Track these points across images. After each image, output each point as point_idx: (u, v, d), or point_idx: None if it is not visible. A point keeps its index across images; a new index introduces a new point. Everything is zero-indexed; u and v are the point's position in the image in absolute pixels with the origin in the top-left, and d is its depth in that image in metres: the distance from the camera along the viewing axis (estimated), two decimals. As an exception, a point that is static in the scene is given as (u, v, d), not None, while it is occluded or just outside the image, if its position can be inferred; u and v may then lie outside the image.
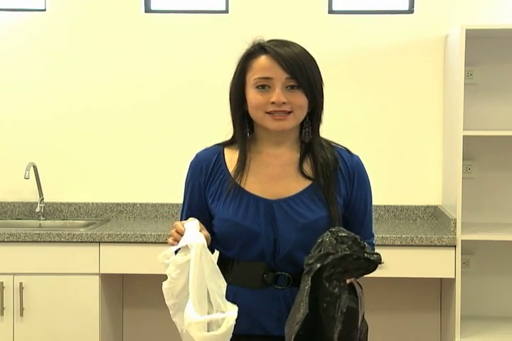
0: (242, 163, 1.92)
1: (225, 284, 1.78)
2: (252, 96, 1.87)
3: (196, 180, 1.96)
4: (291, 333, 1.67)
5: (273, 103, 1.84)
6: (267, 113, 1.86)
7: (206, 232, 1.85)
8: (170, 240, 1.84)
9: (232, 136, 1.98)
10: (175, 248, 1.79)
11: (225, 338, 1.72)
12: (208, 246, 1.81)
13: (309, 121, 1.92)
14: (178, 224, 1.84)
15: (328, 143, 1.98)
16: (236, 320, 1.79)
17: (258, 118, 1.89)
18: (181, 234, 1.80)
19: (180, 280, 1.77)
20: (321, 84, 1.91)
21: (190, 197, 1.98)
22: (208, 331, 1.73)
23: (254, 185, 1.91)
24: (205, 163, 1.96)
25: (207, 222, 1.92)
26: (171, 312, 1.84)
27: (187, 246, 1.76)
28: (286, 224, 1.87)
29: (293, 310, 1.72)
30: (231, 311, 1.73)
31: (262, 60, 1.87)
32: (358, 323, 1.78)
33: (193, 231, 1.80)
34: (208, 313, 1.74)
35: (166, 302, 1.84)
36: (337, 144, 2.00)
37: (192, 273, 1.73)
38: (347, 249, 1.71)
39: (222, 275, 1.79)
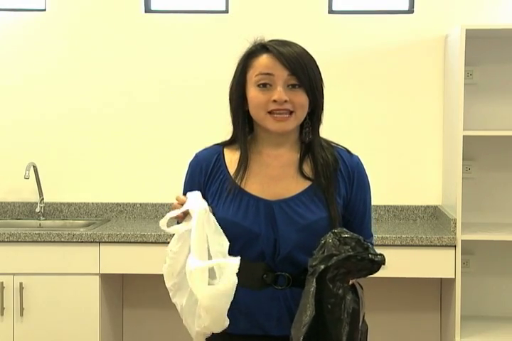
0: (243, 164, 1.91)
1: (228, 243, 1.76)
2: (253, 94, 1.87)
3: (196, 180, 1.96)
4: (298, 335, 1.67)
5: (274, 101, 1.84)
6: (269, 113, 1.86)
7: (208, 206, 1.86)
8: (171, 212, 1.83)
9: (232, 136, 1.98)
10: (178, 211, 1.78)
11: (228, 293, 1.69)
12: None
13: (309, 121, 1.92)
14: (180, 195, 1.84)
15: (328, 143, 1.98)
16: (235, 320, 1.80)
17: (259, 119, 1.88)
18: (182, 203, 1.80)
19: (181, 255, 1.75)
20: (321, 84, 1.91)
21: None
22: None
23: (254, 185, 1.91)
24: (205, 163, 1.96)
25: None
26: (170, 294, 1.83)
27: (189, 215, 1.75)
28: (286, 224, 1.87)
29: (299, 312, 1.71)
30: (233, 259, 1.71)
31: (264, 58, 1.87)
32: (359, 324, 1.78)
33: (195, 199, 1.79)
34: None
35: (166, 284, 1.82)
36: (337, 144, 1.99)
37: (194, 234, 1.71)
38: (350, 250, 1.71)
39: (224, 235, 1.78)
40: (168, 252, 1.80)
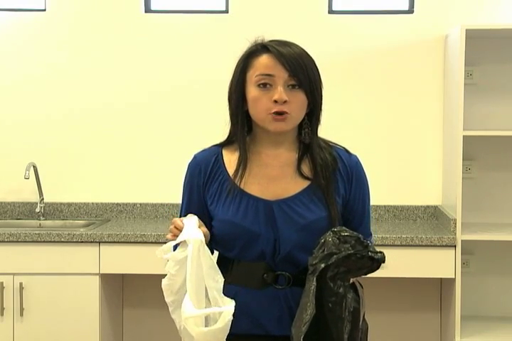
0: (242, 164, 1.91)
1: (223, 279, 1.78)
2: (253, 94, 1.87)
3: (195, 181, 1.96)
4: (299, 334, 1.67)
5: (275, 101, 1.84)
6: (269, 114, 1.85)
7: (205, 229, 1.86)
8: (169, 236, 1.84)
9: (229, 136, 1.97)
10: (173, 243, 1.80)
11: (222, 333, 1.71)
12: (207, 243, 1.81)
13: (308, 121, 1.92)
14: (177, 220, 1.85)
15: (327, 143, 1.98)
16: (236, 320, 1.80)
17: (259, 118, 1.88)
18: (180, 230, 1.81)
19: (179, 277, 1.77)
20: (320, 84, 1.91)
21: (189, 199, 1.97)
22: (206, 326, 1.73)
23: (254, 185, 1.91)
24: (204, 164, 1.96)
25: (206, 223, 1.92)
26: (170, 309, 1.84)
27: (185, 241, 1.76)
28: (286, 224, 1.87)
29: (299, 311, 1.72)
30: (228, 306, 1.73)
31: (264, 58, 1.87)
32: (359, 323, 1.78)
33: (192, 227, 1.80)
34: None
35: (166, 299, 1.84)
36: (335, 144, 2.00)
37: (189, 268, 1.73)
38: (350, 248, 1.72)
39: (219, 271, 1.79)
40: (166, 271, 1.81)
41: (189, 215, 1.87)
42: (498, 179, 3.79)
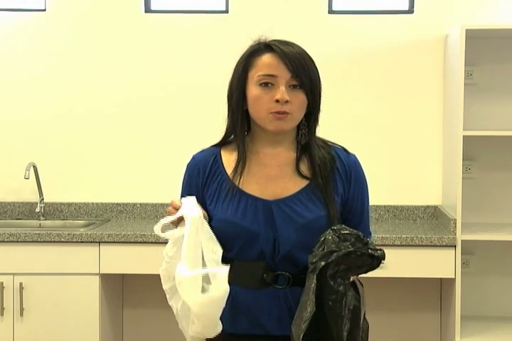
0: (241, 164, 1.91)
1: (221, 250, 1.77)
2: (255, 93, 1.86)
3: (194, 181, 1.96)
4: (299, 332, 1.67)
5: (277, 101, 1.83)
6: (270, 113, 1.85)
7: (204, 211, 1.86)
8: (166, 217, 1.84)
9: (225, 135, 1.97)
10: (171, 218, 1.78)
11: (218, 303, 1.70)
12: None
13: (305, 122, 1.92)
14: (175, 200, 1.85)
15: (325, 142, 1.98)
16: (236, 320, 1.80)
17: (259, 117, 1.88)
18: (177, 208, 1.81)
19: (177, 259, 1.75)
20: (320, 85, 1.91)
21: None
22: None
23: (252, 185, 1.91)
24: (203, 164, 1.96)
25: None
26: (167, 296, 1.83)
27: (184, 222, 1.75)
28: (285, 224, 1.87)
29: (299, 309, 1.72)
30: (222, 268, 1.71)
31: (267, 57, 1.86)
32: (360, 321, 1.78)
33: (190, 205, 1.79)
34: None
35: (163, 287, 1.83)
36: (333, 143, 1.99)
37: (186, 237, 1.72)
38: (350, 246, 1.72)
39: (218, 243, 1.78)
40: (164, 255, 1.80)
41: (187, 196, 1.86)
42: (498, 179, 3.79)
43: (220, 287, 1.68)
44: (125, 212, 3.94)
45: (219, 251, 1.77)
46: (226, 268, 1.72)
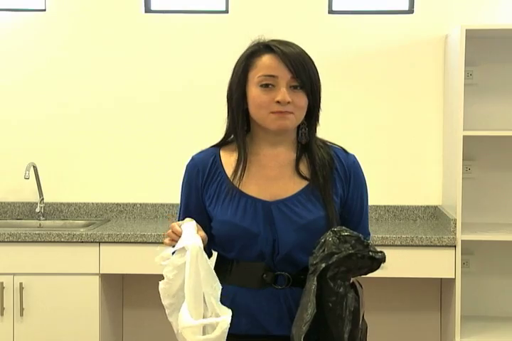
0: (242, 166, 1.91)
1: (220, 287, 1.78)
2: (256, 94, 1.86)
3: (193, 182, 1.96)
4: (300, 333, 1.67)
5: (278, 102, 1.83)
6: (271, 113, 1.85)
7: (203, 233, 1.85)
8: (166, 240, 1.84)
9: (226, 136, 1.97)
10: (172, 250, 1.79)
11: (220, 339, 1.72)
12: (205, 247, 1.81)
13: (305, 122, 1.92)
14: (175, 225, 1.84)
15: (324, 142, 1.97)
16: (236, 320, 1.79)
17: (260, 118, 1.88)
18: (178, 235, 1.80)
19: (176, 281, 1.77)
20: (320, 85, 1.91)
21: (187, 200, 1.97)
22: (204, 334, 1.73)
23: (252, 186, 1.90)
24: (202, 165, 1.95)
25: (205, 225, 1.92)
26: (167, 312, 1.84)
27: (184, 248, 1.76)
28: (284, 224, 1.87)
29: (300, 311, 1.72)
30: (225, 316, 1.73)
31: (267, 58, 1.86)
32: (359, 322, 1.78)
33: (190, 233, 1.80)
34: (204, 316, 1.74)
35: (162, 302, 1.84)
36: (332, 143, 1.99)
37: (187, 275, 1.73)
38: (351, 248, 1.72)
39: (217, 278, 1.78)
40: (164, 274, 1.81)
41: (187, 219, 1.86)
42: (498, 179, 3.79)
43: (221, 328, 1.71)
44: (125, 212, 3.94)
45: (218, 286, 1.77)
46: (228, 316, 1.73)
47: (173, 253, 1.80)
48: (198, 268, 1.75)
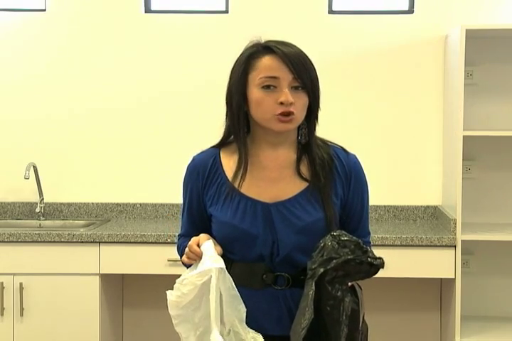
0: (242, 168, 1.90)
1: (245, 309, 1.78)
2: (258, 96, 1.85)
3: (194, 184, 1.96)
4: (298, 338, 1.67)
5: (281, 103, 1.82)
6: (276, 115, 1.84)
7: (219, 248, 1.86)
8: (185, 258, 1.85)
9: (225, 137, 1.96)
10: (194, 271, 1.79)
11: None
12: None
13: (305, 122, 1.91)
14: (194, 245, 1.84)
15: (324, 142, 1.97)
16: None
17: (263, 120, 1.87)
18: (197, 255, 1.81)
19: (189, 296, 1.77)
20: (319, 84, 1.90)
21: (190, 201, 1.98)
22: None
23: (252, 188, 1.90)
24: (202, 166, 1.95)
25: (207, 225, 1.93)
26: (174, 322, 1.83)
27: (207, 270, 1.76)
28: (284, 226, 1.87)
29: (298, 315, 1.72)
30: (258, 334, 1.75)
31: (268, 59, 1.85)
32: (359, 324, 1.78)
33: (211, 254, 1.79)
34: (221, 334, 1.73)
35: (170, 312, 1.82)
36: (332, 143, 1.98)
37: (213, 299, 1.72)
38: (350, 253, 1.71)
39: (242, 300, 1.78)
40: (176, 287, 1.80)
41: (202, 235, 1.86)
42: (498, 179, 3.79)
43: None
44: (125, 212, 3.94)
45: (243, 309, 1.78)
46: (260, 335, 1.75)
47: (187, 266, 1.81)
48: (220, 289, 1.75)
